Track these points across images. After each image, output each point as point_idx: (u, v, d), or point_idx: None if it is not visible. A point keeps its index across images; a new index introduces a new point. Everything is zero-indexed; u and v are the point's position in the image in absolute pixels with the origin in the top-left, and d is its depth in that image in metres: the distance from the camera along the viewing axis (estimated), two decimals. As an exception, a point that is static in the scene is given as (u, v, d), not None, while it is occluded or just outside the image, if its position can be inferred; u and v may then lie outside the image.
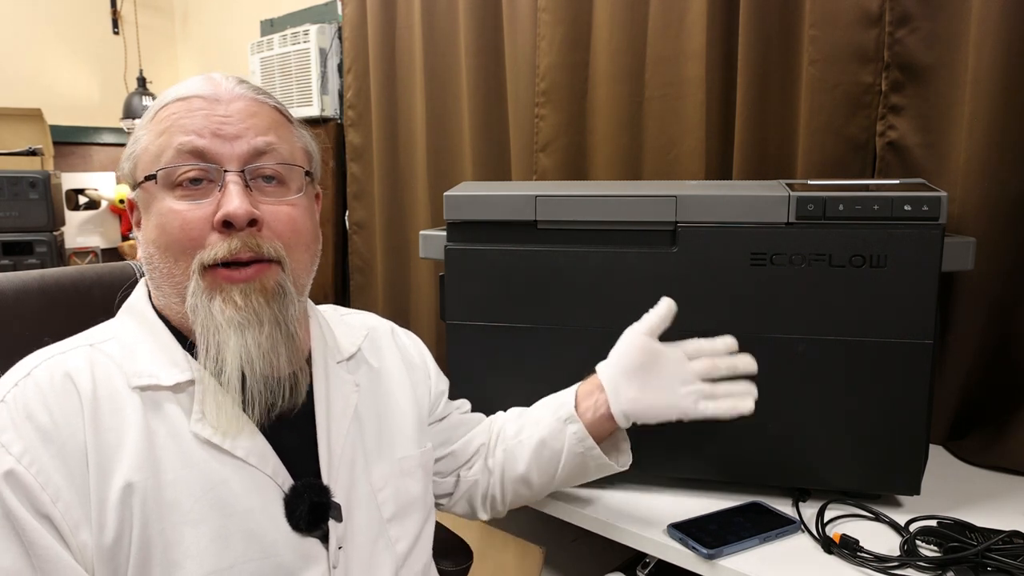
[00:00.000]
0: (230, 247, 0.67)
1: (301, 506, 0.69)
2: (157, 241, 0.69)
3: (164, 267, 0.69)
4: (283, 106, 0.77)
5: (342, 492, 0.73)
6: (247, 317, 0.67)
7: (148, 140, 0.71)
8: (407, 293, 2.00)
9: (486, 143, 1.72)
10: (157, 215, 0.69)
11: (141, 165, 0.71)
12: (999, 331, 1.13)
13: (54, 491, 0.60)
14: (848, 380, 0.94)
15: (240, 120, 0.70)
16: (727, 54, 1.33)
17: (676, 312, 0.86)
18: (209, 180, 0.69)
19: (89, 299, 0.92)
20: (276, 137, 0.72)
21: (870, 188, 0.94)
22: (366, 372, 0.85)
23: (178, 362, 0.69)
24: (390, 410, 0.84)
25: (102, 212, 2.95)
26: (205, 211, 0.68)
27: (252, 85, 0.75)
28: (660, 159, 1.43)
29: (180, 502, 0.64)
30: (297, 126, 0.78)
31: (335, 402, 0.77)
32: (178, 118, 0.70)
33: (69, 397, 0.64)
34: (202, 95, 0.71)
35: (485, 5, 1.67)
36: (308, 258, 0.75)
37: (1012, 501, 1.00)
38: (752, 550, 0.88)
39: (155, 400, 0.67)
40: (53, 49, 2.79)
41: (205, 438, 0.67)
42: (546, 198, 1.01)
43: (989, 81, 1.05)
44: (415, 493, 0.82)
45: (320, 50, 2.13)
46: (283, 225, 0.71)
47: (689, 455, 1.02)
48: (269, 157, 0.71)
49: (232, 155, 0.69)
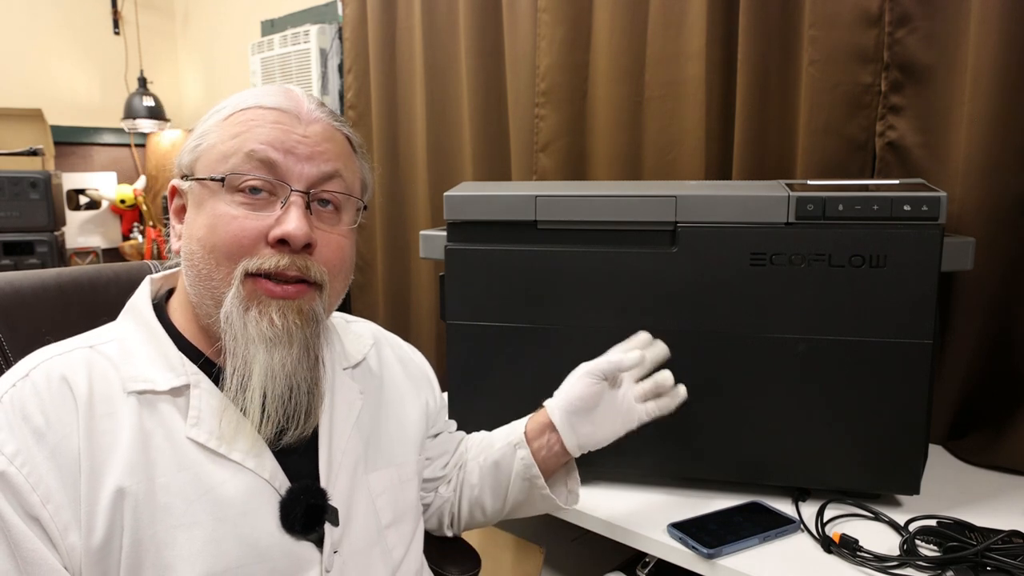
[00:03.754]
0: (279, 262, 0.67)
1: (297, 508, 0.68)
2: (204, 240, 0.68)
3: (205, 268, 0.68)
4: (354, 134, 0.78)
5: (341, 497, 0.73)
6: (279, 335, 0.67)
7: (218, 138, 0.70)
8: (407, 293, 2.00)
9: (486, 143, 1.73)
10: (211, 214, 0.68)
11: (204, 160, 0.70)
12: (999, 331, 1.13)
13: (45, 492, 0.60)
14: (848, 380, 0.94)
15: (316, 143, 0.70)
16: (727, 54, 1.33)
17: (643, 356, 0.86)
18: (270, 193, 0.69)
19: (106, 297, 0.92)
20: (343, 165, 0.73)
21: (870, 188, 0.94)
22: (371, 380, 0.85)
23: (175, 367, 0.69)
24: (393, 418, 0.85)
25: (103, 212, 2.95)
26: (263, 223, 0.67)
27: (329, 110, 0.75)
28: (660, 159, 1.44)
29: (173, 505, 0.64)
30: (361, 156, 0.78)
31: (339, 409, 0.77)
32: (256, 125, 0.69)
33: (64, 400, 0.64)
34: (283, 109, 0.70)
35: (485, 5, 1.67)
36: (343, 287, 0.76)
37: (1012, 501, 1.00)
38: (752, 550, 0.88)
39: (151, 404, 0.67)
40: (54, 49, 2.80)
41: (200, 442, 0.66)
42: (546, 198, 1.01)
43: (989, 81, 1.05)
44: (411, 500, 0.83)
45: (320, 50, 2.13)
46: (332, 253, 0.71)
47: (689, 455, 1.02)
48: (334, 184, 0.71)
49: (301, 175, 0.69)
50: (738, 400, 0.98)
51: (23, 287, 0.88)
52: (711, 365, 0.98)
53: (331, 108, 0.76)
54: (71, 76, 2.85)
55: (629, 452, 1.04)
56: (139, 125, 2.80)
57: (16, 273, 0.90)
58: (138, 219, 3.00)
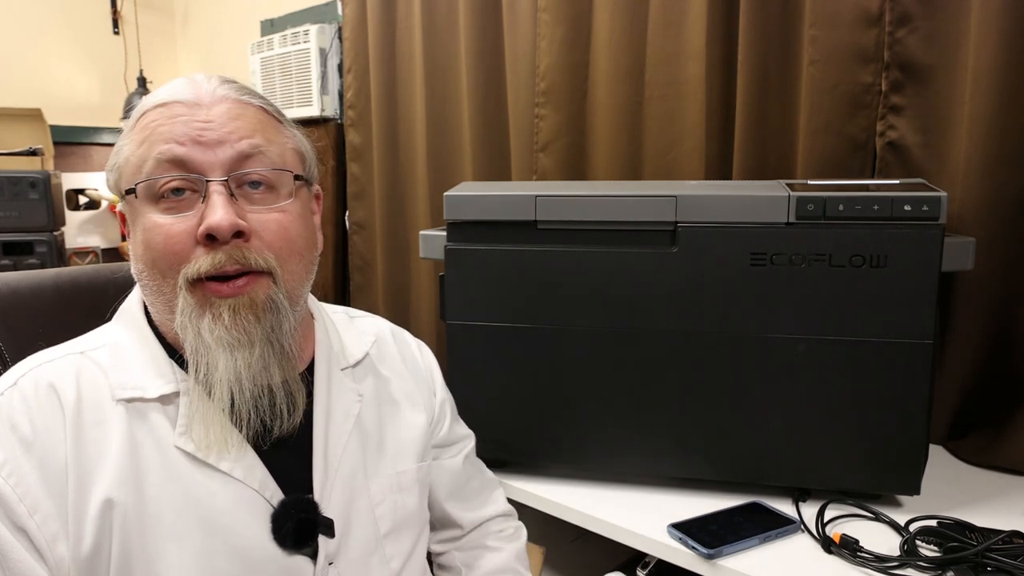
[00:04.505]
0: (214, 260, 0.64)
1: (288, 523, 0.66)
2: (143, 257, 0.67)
3: (152, 284, 0.67)
4: (271, 104, 0.73)
5: (337, 507, 0.71)
6: (237, 337, 0.64)
7: (130, 150, 0.68)
8: (407, 293, 2.00)
9: (486, 143, 1.72)
10: (142, 229, 0.66)
11: (124, 176, 0.68)
12: (999, 331, 1.13)
13: (32, 503, 0.60)
14: (848, 380, 0.94)
15: (222, 124, 0.66)
16: (727, 54, 1.33)
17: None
18: (192, 190, 0.65)
19: (104, 298, 0.91)
20: (263, 139, 0.68)
21: (870, 188, 0.94)
22: (372, 380, 0.81)
23: (164, 373, 0.67)
24: (394, 420, 0.81)
25: (102, 212, 2.95)
26: (188, 224, 0.65)
27: (238, 85, 0.71)
28: (660, 159, 1.43)
29: (163, 516, 0.63)
30: (288, 125, 0.74)
31: (335, 413, 0.74)
32: (157, 125, 0.66)
33: (52, 408, 0.63)
34: (182, 100, 0.67)
35: (485, 5, 1.67)
36: (303, 267, 0.71)
37: (1012, 501, 1.00)
38: (752, 550, 0.88)
39: (140, 412, 0.65)
40: (53, 49, 2.79)
41: (189, 452, 0.65)
42: (546, 198, 1.01)
43: (989, 81, 1.05)
44: (411, 508, 0.79)
45: (320, 50, 2.13)
46: (273, 234, 0.67)
47: (689, 455, 1.02)
48: (255, 162, 0.67)
49: (215, 163, 0.65)
50: (738, 400, 0.98)
51: (21, 287, 0.88)
52: (711, 365, 0.98)
53: (242, 84, 0.71)
54: (71, 76, 2.85)
55: (629, 452, 1.04)
56: (139, 125, 2.80)
57: (14, 274, 0.90)
58: (129, 225, 3.00)
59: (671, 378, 1.00)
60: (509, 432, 1.08)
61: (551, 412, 1.06)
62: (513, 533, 0.93)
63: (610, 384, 1.02)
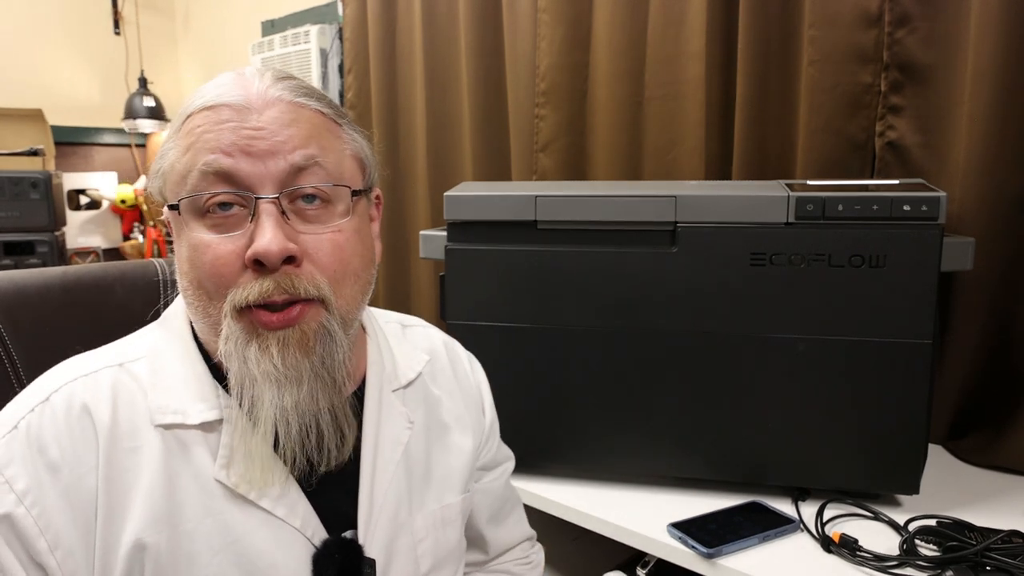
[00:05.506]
0: (262, 289, 0.58)
1: (331, 568, 0.62)
2: (189, 275, 0.61)
3: (199, 304, 0.61)
4: (330, 104, 0.65)
5: (380, 545, 0.66)
6: (285, 373, 0.59)
7: (175, 156, 0.62)
8: (407, 293, 2.00)
9: (486, 143, 1.73)
10: (187, 246, 0.61)
11: (168, 185, 0.62)
12: (998, 331, 1.13)
13: (54, 537, 0.55)
14: (848, 380, 0.94)
15: (274, 132, 0.59)
16: (727, 54, 1.33)
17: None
18: (241, 205, 0.59)
19: (112, 297, 0.90)
20: (319, 148, 0.61)
21: (869, 188, 0.94)
22: (424, 402, 0.76)
23: (207, 396, 0.62)
24: (443, 447, 0.76)
25: (103, 212, 2.95)
26: (236, 245, 0.59)
27: (294, 82, 0.63)
28: (660, 159, 1.44)
29: (199, 555, 0.58)
30: (348, 127, 0.66)
31: (383, 443, 0.69)
32: (203, 132, 0.60)
33: (85, 433, 0.58)
34: (230, 103, 0.60)
35: (485, 6, 1.67)
36: (359, 288, 0.65)
37: (1011, 501, 1.00)
38: (752, 549, 0.88)
39: (180, 440, 0.60)
40: (54, 50, 2.80)
41: (229, 485, 0.60)
42: (546, 198, 1.01)
43: (988, 81, 1.05)
44: (453, 543, 0.74)
45: (321, 50, 2.13)
46: (328, 257, 0.61)
47: (689, 455, 1.02)
48: (310, 175, 0.61)
49: (265, 176, 0.59)
50: (738, 400, 0.98)
51: (27, 285, 0.88)
52: (711, 365, 0.98)
53: (299, 80, 0.64)
54: (72, 76, 2.85)
55: (629, 452, 1.04)
56: (139, 125, 2.80)
57: (21, 271, 0.89)
58: (138, 219, 3.00)
59: (671, 378, 1.00)
60: (509, 432, 1.08)
61: (551, 412, 1.06)
62: (535, 560, 0.91)
63: (610, 384, 1.02)
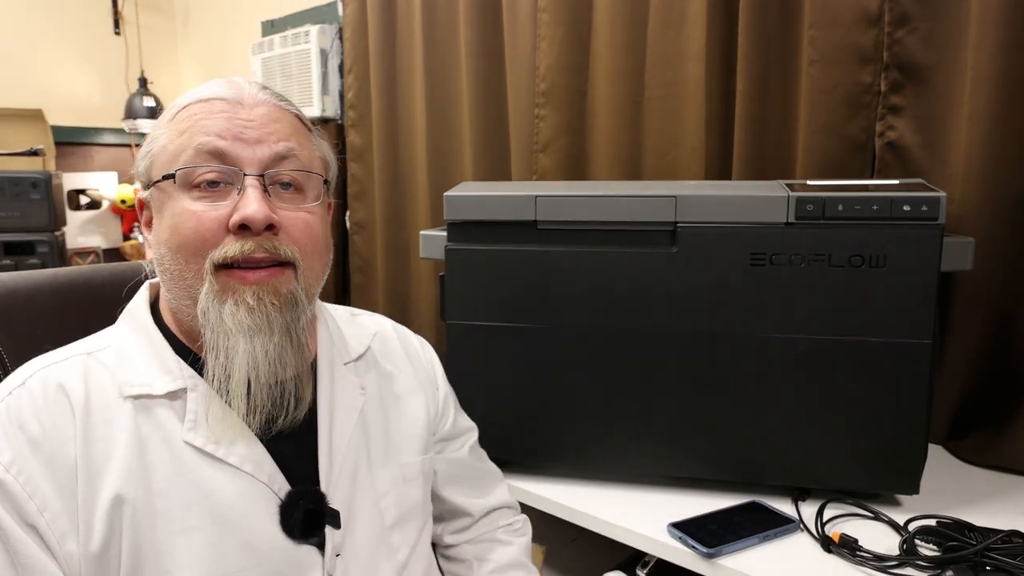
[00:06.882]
0: (243, 247, 0.66)
1: (296, 513, 0.68)
2: (169, 242, 0.68)
3: (175, 268, 0.68)
4: (303, 114, 0.77)
5: (342, 499, 0.72)
6: (258, 322, 0.66)
7: (167, 139, 0.70)
8: (407, 293, 2.00)
9: (486, 143, 1.73)
10: (171, 215, 0.68)
11: (158, 164, 0.70)
12: (999, 331, 1.13)
13: (41, 501, 0.60)
14: (848, 380, 0.94)
15: (262, 125, 0.70)
16: (727, 54, 1.33)
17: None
18: (227, 183, 0.68)
19: (101, 298, 0.91)
20: (297, 144, 0.72)
21: (869, 188, 0.94)
22: (374, 374, 0.83)
23: (171, 370, 0.69)
24: (398, 414, 0.83)
25: (103, 212, 2.95)
26: (221, 213, 0.67)
27: (274, 92, 0.75)
28: (660, 159, 1.44)
29: (172, 511, 0.64)
30: (316, 135, 0.78)
31: (339, 407, 0.76)
32: (199, 119, 0.69)
33: (61, 407, 0.64)
34: (225, 98, 0.70)
35: (485, 6, 1.67)
36: (320, 267, 0.74)
37: (1011, 501, 1.00)
38: (752, 549, 0.88)
39: (148, 408, 0.67)
40: (55, 50, 2.80)
41: (197, 446, 0.66)
42: (546, 198, 1.01)
43: (988, 81, 1.05)
44: (416, 499, 0.81)
45: (321, 51, 2.13)
46: (300, 231, 0.70)
47: (689, 455, 1.02)
48: (289, 163, 0.70)
49: (253, 159, 0.68)
50: (738, 400, 0.98)
51: (19, 288, 0.88)
52: (711, 365, 0.98)
53: (276, 91, 0.75)
54: (72, 76, 2.85)
55: (629, 452, 1.04)
56: (139, 125, 2.81)
57: (12, 274, 0.90)
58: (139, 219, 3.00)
59: (671, 378, 1.00)
60: (509, 432, 1.08)
61: (551, 412, 1.06)
62: (521, 527, 0.95)
63: (610, 384, 1.03)
